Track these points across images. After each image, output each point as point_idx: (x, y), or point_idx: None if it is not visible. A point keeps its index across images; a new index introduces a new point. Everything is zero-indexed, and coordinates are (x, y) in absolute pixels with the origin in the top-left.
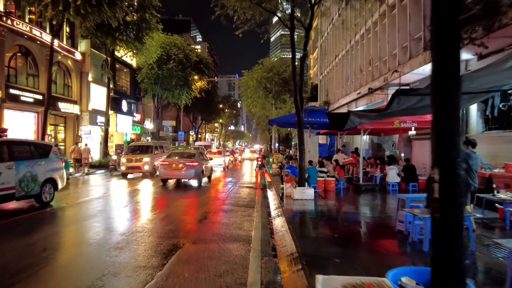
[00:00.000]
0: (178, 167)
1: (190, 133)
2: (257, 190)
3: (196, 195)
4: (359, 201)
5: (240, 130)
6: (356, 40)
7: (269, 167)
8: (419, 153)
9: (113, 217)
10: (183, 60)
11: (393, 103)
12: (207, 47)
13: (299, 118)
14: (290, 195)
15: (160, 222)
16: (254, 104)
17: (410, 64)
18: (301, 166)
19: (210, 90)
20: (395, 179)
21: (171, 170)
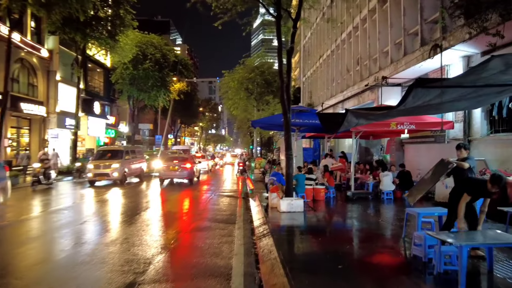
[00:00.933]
0: (174, 169)
1: (168, 136)
2: (238, 200)
3: (167, 207)
4: (355, 215)
5: (221, 134)
6: (342, 38)
7: (250, 172)
8: (413, 157)
9: (60, 237)
10: (160, 60)
11: (409, 98)
12: (187, 49)
13: (286, 119)
14: (276, 207)
15: (117, 247)
16: (236, 106)
17: (405, 61)
18: (288, 174)
19: (189, 92)
20: (390, 186)
21: (169, 172)
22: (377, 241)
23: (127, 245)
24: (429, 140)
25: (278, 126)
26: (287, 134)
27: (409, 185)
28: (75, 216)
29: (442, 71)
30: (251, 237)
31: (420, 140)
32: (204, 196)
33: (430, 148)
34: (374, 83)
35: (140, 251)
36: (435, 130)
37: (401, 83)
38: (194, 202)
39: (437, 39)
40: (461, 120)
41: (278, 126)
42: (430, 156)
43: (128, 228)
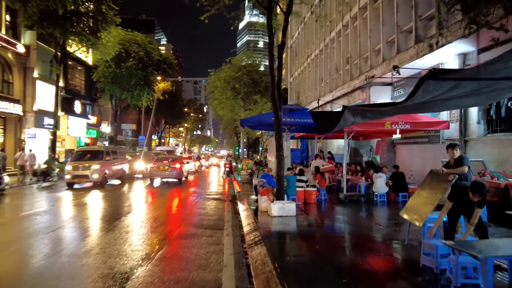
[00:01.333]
0: (164, 169)
1: (152, 137)
2: (225, 203)
3: (150, 211)
4: (350, 219)
5: (207, 135)
6: (331, 37)
7: (237, 173)
8: (406, 158)
9: (26, 248)
10: (144, 58)
11: (418, 92)
12: (172, 49)
13: (277, 117)
14: (266, 211)
15: (91, 259)
16: (222, 106)
17: (399, 58)
18: (279, 175)
19: (174, 92)
20: (383, 189)
21: (159, 171)
22: (380, 249)
23: (103, 256)
24: (422, 140)
25: (268, 126)
26: (278, 134)
27: (403, 187)
28: (46, 222)
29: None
30: (242, 245)
31: (413, 141)
32: (189, 199)
33: (424, 149)
34: (365, 82)
35: (117, 264)
36: (429, 130)
37: (392, 82)
38: (179, 205)
39: (433, 36)
40: (456, 120)
41: (267, 126)
42: (423, 157)
43: (105, 236)
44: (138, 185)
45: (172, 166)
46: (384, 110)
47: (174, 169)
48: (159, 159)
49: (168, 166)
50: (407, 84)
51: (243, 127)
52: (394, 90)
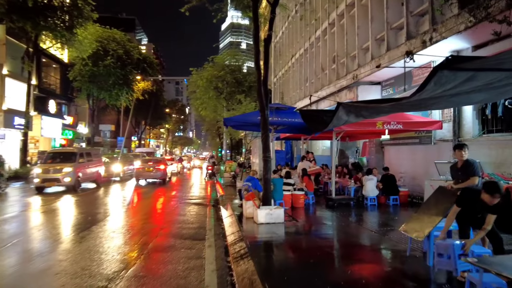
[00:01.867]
0: (149, 170)
1: (132, 138)
2: (207, 208)
3: (125, 219)
4: (343, 225)
5: (189, 137)
6: (317, 36)
7: (219, 175)
8: (395, 160)
9: None
10: (123, 56)
11: (429, 84)
12: (153, 48)
13: (263, 116)
14: (252, 217)
15: (47, 279)
16: (204, 106)
17: (389, 56)
18: (266, 179)
19: (155, 92)
20: (374, 192)
21: (145, 172)
22: (383, 260)
23: (62, 277)
24: (413, 141)
25: (253, 125)
26: (265, 134)
27: (394, 190)
28: (3, 234)
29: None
30: (226, 258)
31: (403, 142)
32: (169, 204)
33: (414, 150)
34: (352, 81)
35: (79, 287)
36: (421, 130)
37: (381, 81)
38: (157, 212)
39: (426, 32)
40: (449, 120)
41: (253, 125)
42: (414, 159)
43: (71, 250)
44: (115, 189)
45: (157, 168)
46: (382, 107)
47: (159, 170)
48: (144, 161)
49: (153, 168)
50: (396, 83)
51: (227, 126)
52: (383, 90)
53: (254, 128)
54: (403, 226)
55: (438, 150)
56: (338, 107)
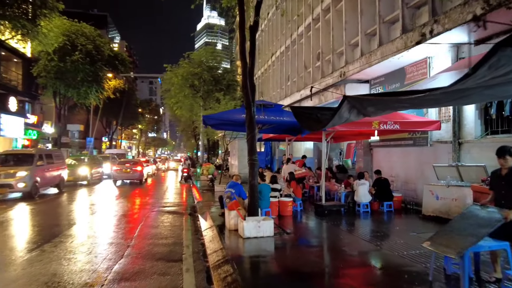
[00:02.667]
0: (127, 171)
1: (103, 139)
2: (183, 218)
3: (86, 233)
4: (340, 238)
5: (163, 138)
6: (299, 33)
7: (195, 179)
8: (385, 163)
9: None
10: (93, 52)
11: (482, 68)
12: (126, 46)
13: (249, 114)
14: (236, 229)
15: None
16: (179, 105)
17: (381, 52)
18: (253, 185)
19: (127, 90)
20: (366, 197)
21: (122, 174)
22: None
23: None
24: (406, 143)
25: (236, 125)
26: (251, 134)
27: (387, 195)
28: None
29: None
30: (209, 287)
31: (394, 143)
32: (140, 212)
33: (407, 152)
34: (339, 79)
35: None
36: (418, 131)
37: (370, 79)
38: (126, 222)
39: (426, 24)
40: (447, 120)
41: (235, 125)
42: (406, 161)
43: (8, 278)
44: (80, 195)
45: (134, 169)
46: (400, 100)
47: (136, 172)
48: (121, 163)
49: (130, 169)
50: (386, 81)
51: (206, 125)
52: (372, 88)
53: (237, 128)
54: (427, 241)
55: (435, 152)
56: (343, 101)
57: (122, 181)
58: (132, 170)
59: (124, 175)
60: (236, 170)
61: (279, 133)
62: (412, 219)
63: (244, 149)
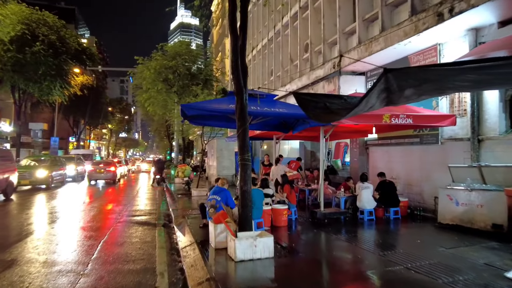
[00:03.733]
0: (100, 171)
1: (70, 139)
2: (156, 230)
3: (32, 254)
4: (359, 258)
5: (134, 138)
6: (284, 23)
7: (169, 181)
8: (383, 163)
9: None
10: (56, 43)
11: None
12: (96, 42)
13: (240, 102)
14: (225, 248)
15: None
16: (151, 101)
17: (385, 38)
18: (245, 192)
19: (96, 87)
20: (371, 203)
21: (96, 174)
22: None
23: None
24: (410, 141)
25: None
26: (243, 127)
27: (393, 200)
28: None
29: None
30: None
31: (396, 142)
32: (104, 223)
33: (411, 151)
34: (332, 71)
35: None
36: (429, 127)
37: (366, 72)
38: (85, 238)
39: (442, 2)
40: (463, 114)
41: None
42: (409, 162)
43: None
44: (34, 202)
45: (108, 170)
46: (472, 71)
47: (109, 172)
48: (95, 164)
49: (104, 169)
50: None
51: (184, 119)
52: (368, 81)
53: (221, 123)
54: None
55: (446, 151)
56: (380, 78)
57: (90, 184)
58: (106, 171)
59: (97, 175)
60: (215, 172)
61: (268, 130)
62: (428, 229)
63: (224, 149)
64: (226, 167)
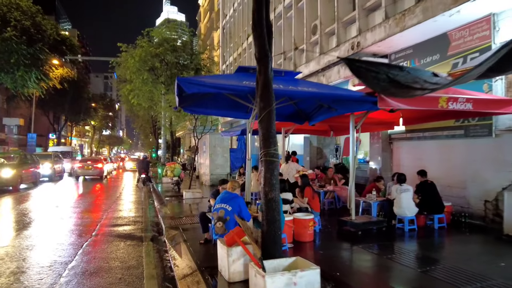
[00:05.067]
0: (88, 168)
1: (50, 136)
2: (143, 248)
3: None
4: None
5: (118, 136)
6: (286, 5)
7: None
8: (410, 160)
9: None
10: (31, 30)
11: None
12: (78, 35)
13: (265, 73)
14: (243, 281)
15: None
16: (136, 93)
17: (424, 9)
18: (272, 201)
19: (77, 81)
20: (412, 209)
21: (84, 170)
22: None
23: None
24: (452, 133)
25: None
26: (268, 108)
27: (437, 205)
28: None
29: (485, 23)
30: None
31: (430, 134)
32: (77, 237)
33: (451, 146)
34: (350, 54)
35: None
36: (491, 114)
37: (389, 54)
38: (46, 264)
39: None
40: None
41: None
42: (449, 159)
43: None
44: (4, 205)
45: (95, 166)
46: None
47: (97, 169)
48: (83, 161)
49: (91, 166)
50: (415, 53)
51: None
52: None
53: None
54: None
55: (501, 145)
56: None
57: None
58: (93, 167)
59: (85, 171)
60: (207, 171)
61: (279, 120)
62: (495, 243)
63: (217, 145)
64: (219, 165)
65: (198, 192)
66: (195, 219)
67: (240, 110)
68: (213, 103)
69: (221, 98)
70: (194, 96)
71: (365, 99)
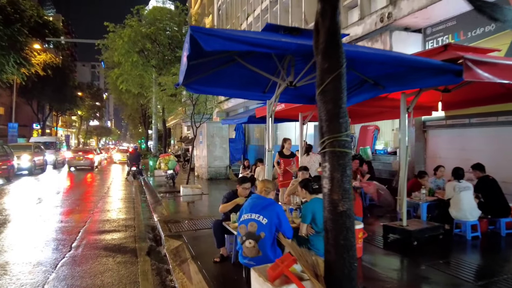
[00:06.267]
0: (79, 158)
1: (34, 126)
2: (139, 266)
3: None
4: None
5: (106, 126)
6: None
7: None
8: (449, 151)
9: None
10: (8, 9)
11: None
12: (63, 20)
13: (332, 20)
14: None
15: None
16: (125, 78)
17: None
18: (344, 214)
19: (62, 68)
20: (474, 212)
21: (75, 161)
22: None
23: None
24: (509, 119)
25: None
26: (337, 71)
27: (503, 206)
28: None
29: None
30: None
31: (478, 121)
32: (54, 250)
33: (506, 135)
34: (379, 27)
35: None
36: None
37: (423, 28)
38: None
39: None
40: None
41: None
42: (499, 149)
43: None
44: None
45: (86, 157)
46: None
47: (87, 159)
48: (74, 151)
49: (82, 157)
50: (460, 25)
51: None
52: (427, 40)
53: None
54: None
55: None
56: None
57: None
58: (84, 158)
59: (76, 162)
60: (204, 163)
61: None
62: None
63: (216, 135)
64: (218, 157)
65: (198, 188)
66: (199, 222)
67: (256, 90)
68: (222, 79)
69: (234, 72)
70: (201, 68)
71: (449, 68)
